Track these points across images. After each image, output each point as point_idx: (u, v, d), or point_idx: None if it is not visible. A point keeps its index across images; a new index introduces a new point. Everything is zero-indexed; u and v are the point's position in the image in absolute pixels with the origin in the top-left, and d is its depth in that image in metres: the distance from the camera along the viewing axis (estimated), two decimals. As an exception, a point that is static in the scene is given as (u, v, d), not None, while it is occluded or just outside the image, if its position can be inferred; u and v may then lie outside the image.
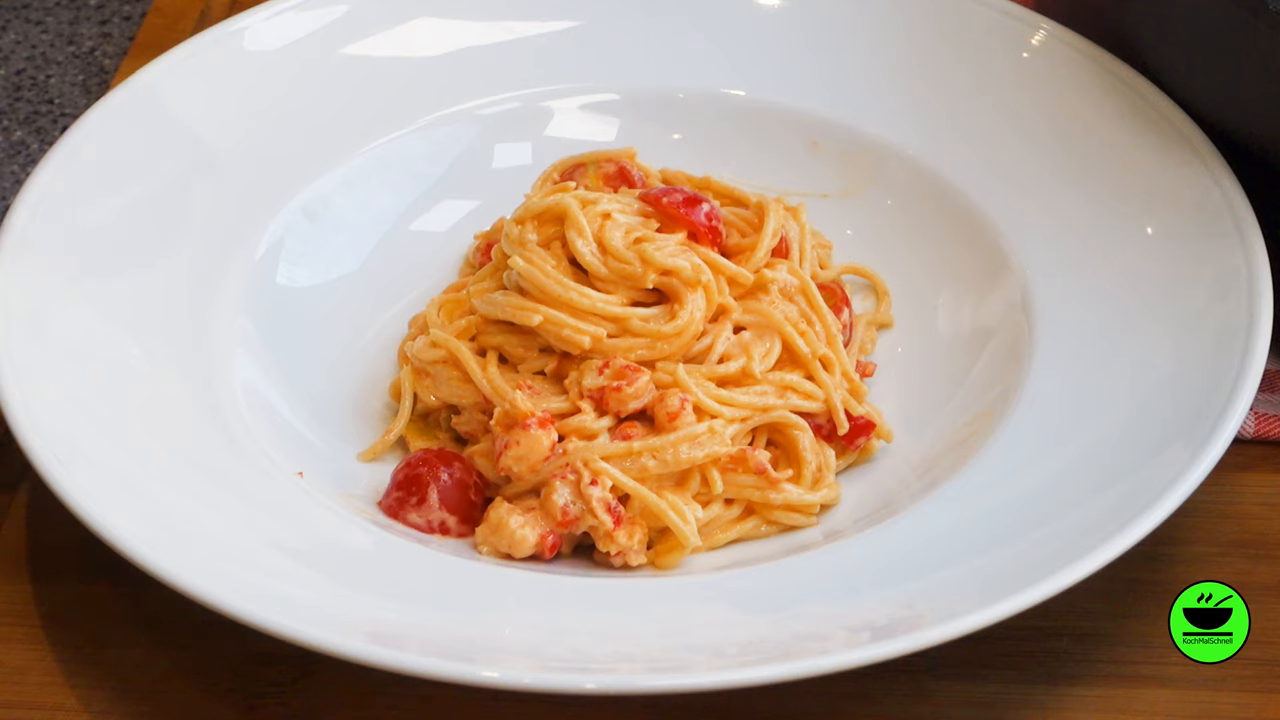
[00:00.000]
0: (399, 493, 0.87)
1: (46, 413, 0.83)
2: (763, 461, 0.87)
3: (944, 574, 0.81)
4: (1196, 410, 0.84)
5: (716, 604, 0.82)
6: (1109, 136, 0.98)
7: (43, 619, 0.85)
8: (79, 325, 0.89)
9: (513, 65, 1.04)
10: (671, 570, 0.85)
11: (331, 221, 0.99)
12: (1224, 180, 0.93)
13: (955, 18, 1.05)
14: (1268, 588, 0.85)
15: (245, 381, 0.90)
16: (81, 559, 0.84)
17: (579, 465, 0.85)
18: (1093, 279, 0.93)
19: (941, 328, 0.97)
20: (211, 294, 0.93)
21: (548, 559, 0.85)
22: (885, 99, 1.03)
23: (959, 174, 0.99)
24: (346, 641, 0.75)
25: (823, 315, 0.91)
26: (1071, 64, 1.01)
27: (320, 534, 0.83)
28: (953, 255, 0.98)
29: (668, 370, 0.87)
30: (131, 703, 0.81)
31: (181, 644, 0.83)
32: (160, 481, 0.83)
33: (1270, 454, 0.91)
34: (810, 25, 1.06)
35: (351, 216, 0.99)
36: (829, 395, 0.89)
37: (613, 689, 0.75)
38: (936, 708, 0.81)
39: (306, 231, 0.98)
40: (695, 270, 0.88)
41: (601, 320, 0.88)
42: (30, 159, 1.11)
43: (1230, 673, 0.82)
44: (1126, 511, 0.79)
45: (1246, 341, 0.86)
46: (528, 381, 0.88)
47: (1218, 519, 0.88)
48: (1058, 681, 0.82)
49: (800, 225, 0.95)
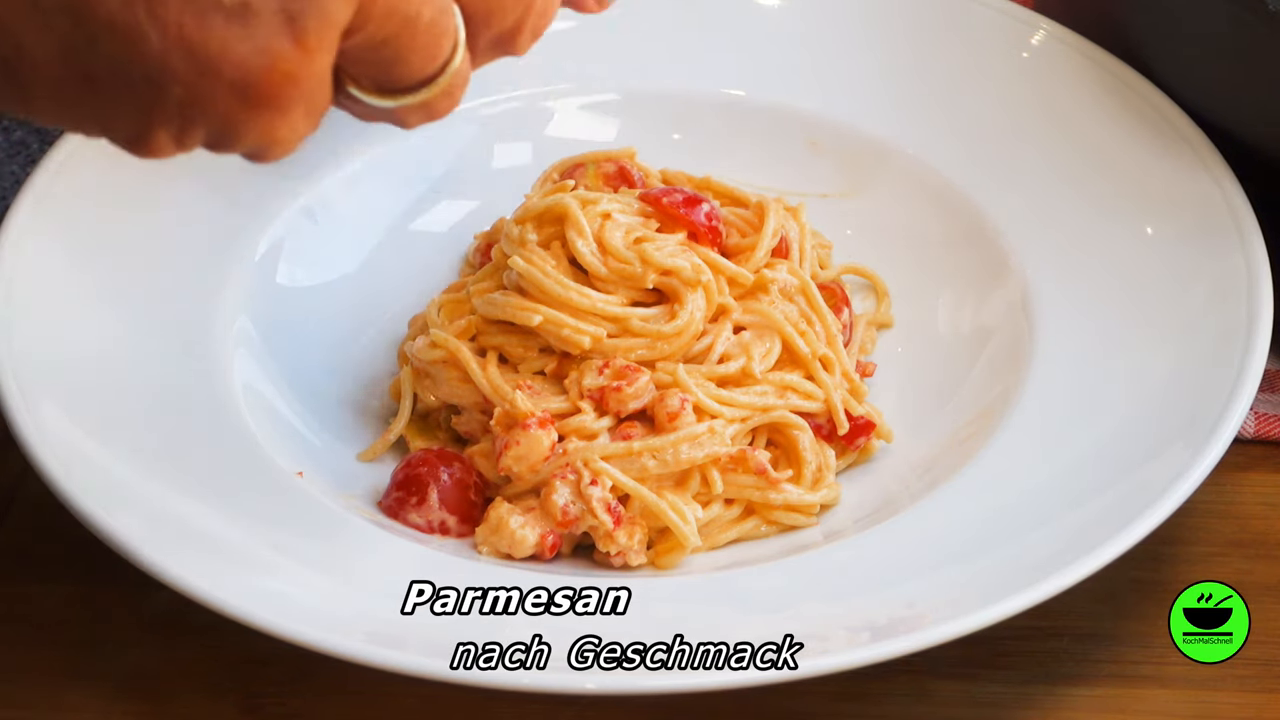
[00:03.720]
0: (399, 493, 0.87)
1: (46, 413, 0.83)
2: (763, 461, 0.87)
3: (944, 574, 0.81)
4: (1196, 410, 0.84)
5: (716, 604, 0.82)
6: (1109, 136, 0.98)
7: (43, 619, 0.85)
8: (79, 325, 0.89)
9: (512, 65, 1.04)
10: (671, 570, 0.85)
11: (331, 222, 0.99)
12: (1224, 180, 0.93)
13: (955, 18, 1.05)
14: (1268, 588, 0.85)
15: (245, 381, 0.90)
16: (81, 559, 0.84)
17: (579, 465, 0.85)
18: (1093, 279, 0.93)
19: (941, 328, 0.97)
20: (211, 294, 0.93)
21: (548, 559, 0.85)
22: (885, 99, 1.03)
23: (959, 174, 0.99)
24: (346, 641, 0.75)
25: (823, 315, 0.91)
26: (1071, 64, 1.01)
27: (320, 534, 0.83)
28: (953, 255, 0.98)
29: (668, 370, 0.87)
30: (131, 702, 0.81)
31: (181, 644, 0.83)
32: (160, 481, 0.83)
33: (1270, 454, 0.91)
34: (810, 25, 1.06)
35: (351, 217, 0.99)
36: (829, 395, 0.89)
37: (613, 689, 0.75)
38: (936, 708, 0.81)
39: (306, 231, 0.98)
40: (695, 270, 0.88)
41: (601, 320, 0.88)
42: (30, 159, 1.11)
43: (1230, 673, 0.82)
44: (1126, 511, 0.79)
45: (1246, 341, 0.86)
46: (528, 381, 0.88)
47: (1218, 519, 0.88)
48: (1058, 681, 0.82)
49: (800, 225, 0.95)
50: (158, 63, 0.58)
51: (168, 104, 0.59)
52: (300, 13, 0.58)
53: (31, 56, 0.58)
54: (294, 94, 0.60)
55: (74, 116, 0.60)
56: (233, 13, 0.57)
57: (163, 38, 0.57)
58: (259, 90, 0.59)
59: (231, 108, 0.59)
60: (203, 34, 0.57)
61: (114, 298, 0.91)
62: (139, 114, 0.60)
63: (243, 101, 0.59)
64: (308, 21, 0.58)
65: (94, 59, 0.57)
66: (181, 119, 0.60)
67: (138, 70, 0.58)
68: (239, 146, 0.62)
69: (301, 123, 0.61)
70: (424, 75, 0.63)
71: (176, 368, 0.89)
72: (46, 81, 0.59)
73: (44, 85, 0.59)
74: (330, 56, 0.60)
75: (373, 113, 0.65)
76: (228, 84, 0.58)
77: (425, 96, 0.64)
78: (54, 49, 0.58)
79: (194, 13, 0.57)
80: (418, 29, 0.61)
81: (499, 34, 0.65)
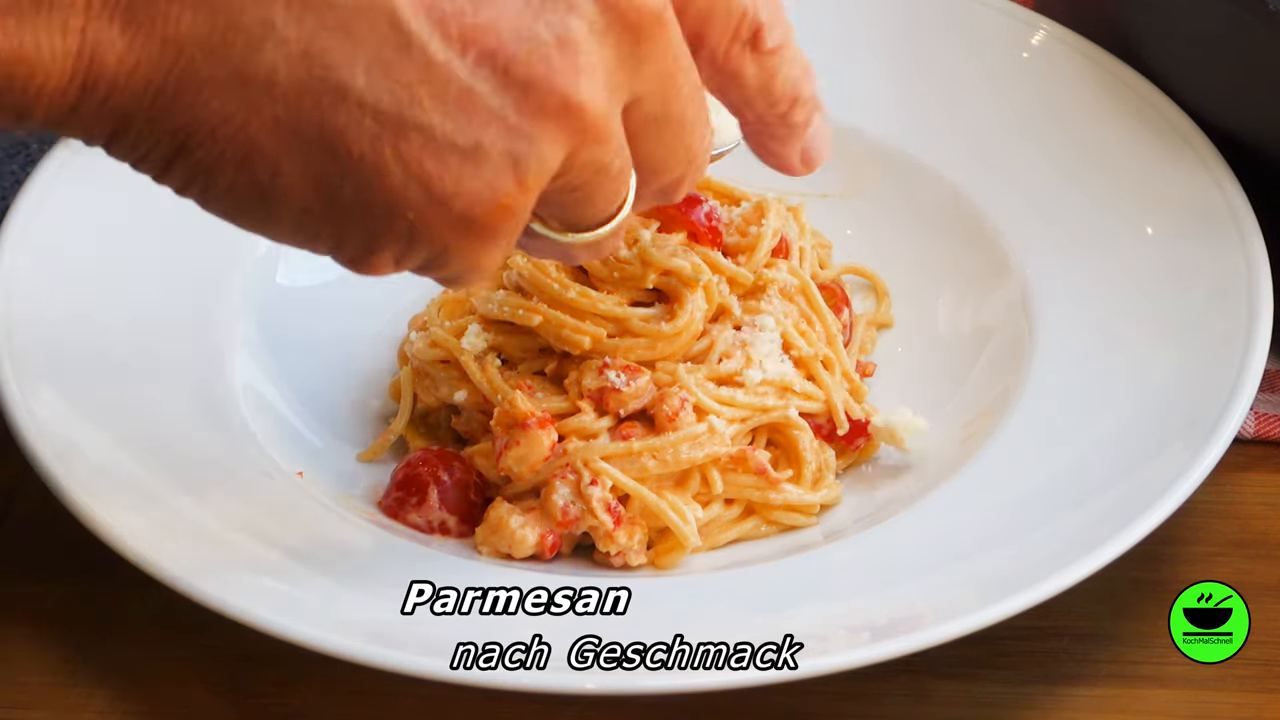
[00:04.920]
0: (399, 493, 0.87)
1: (46, 413, 0.83)
2: (763, 462, 0.87)
3: (944, 574, 0.81)
4: (1196, 410, 0.84)
5: (716, 604, 0.82)
6: (1109, 136, 0.98)
7: (43, 619, 0.85)
8: (79, 325, 0.89)
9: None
10: (671, 570, 0.85)
11: (331, 221, 0.98)
12: (1224, 180, 0.93)
13: (955, 18, 1.05)
14: (1268, 588, 0.85)
15: (245, 381, 0.90)
16: (81, 559, 0.84)
17: (579, 465, 0.85)
18: (1093, 279, 0.93)
19: (941, 328, 0.97)
20: (211, 294, 0.93)
21: (548, 559, 0.85)
22: (885, 99, 1.03)
23: (959, 174, 0.99)
24: (346, 641, 0.75)
25: (823, 315, 0.91)
26: (1071, 64, 1.01)
27: (320, 534, 0.83)
28: (953, 255, 0.98)
29: (668, 370, 0.87)
30: (131, 702, 0.81)
31: (181, 643, 0.83)
32: (160, 481, 0.83)
33: (1270, 454, 0.91)
34: (810, 25, 1.05)
35: (351, 216, 0.99)
36: (829, 395, 0.89)
37: (613, 689, 0.75)
38: (936, 708, 0.81)
39: (306, 231, 0.98)
40: (695, 270, 0.88)
41: (601, 320, 0.88)
42: (30, 159, 1.11)
43: (1230, 673, 0.82)
44: (1126, 511, 0.79)
45: (1246, 341, 0.86)
46: (528, 381, 0.88)
47: (1218, 519, 0.88)
48: (1058, 681, 0.82)
49: (800, 225, 0.95)
50: (397, 194, 0.66)
51: (397, 230, 0.67)
52: (524, 156, 0.66)
53: (287, 182, 0.65)
54: (508, 226, 0.67)
55: (309, 235, 0.68)
56: (466, 153, 0.65)
57: (404, 172, 0.65)
58: (481, 222, 0.67)
59: (454, 235, 0.67)
60: (440, 169, 0.65)
61: (114, 297, 0.91)
62: (370, 237, 0.67)
63: (466, 230, 0.67)
64: (529, 164, 0.66)
65: (341, 187, 0.65)
66: (407, 243, 0.67)
67: (378, 199, 0.66)
68: (450, 269, 0.69)
69: (502, 253, 0.69)
70: (603, 217, 0.71)
71: (176, 368, 0.89)
72: (295, 206, 0.66)
73: (291, 208, 0.66)
74: (538, 195, 0.68)
75: (545, 248, 0.73)
76: (455, 214, 0.66)
77: (598, 236, 0.72)
78: (308, 177, 0.65)
79: (433, 151, 0.65)
80: (608, 177, 0.69)
81: (663, 185, 0.72)
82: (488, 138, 0.65)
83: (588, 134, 0.67)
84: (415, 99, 0.65)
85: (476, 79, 0.65)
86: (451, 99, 0.65)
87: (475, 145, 0.65)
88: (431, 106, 0.65)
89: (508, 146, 0.66)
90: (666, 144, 0.71)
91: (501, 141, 0.66)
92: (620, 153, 0.69)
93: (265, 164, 0.65)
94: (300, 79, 0.64)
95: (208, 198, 0.67)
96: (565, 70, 0.66)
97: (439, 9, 0.65)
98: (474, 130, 0.65)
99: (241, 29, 0.64)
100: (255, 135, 0.64)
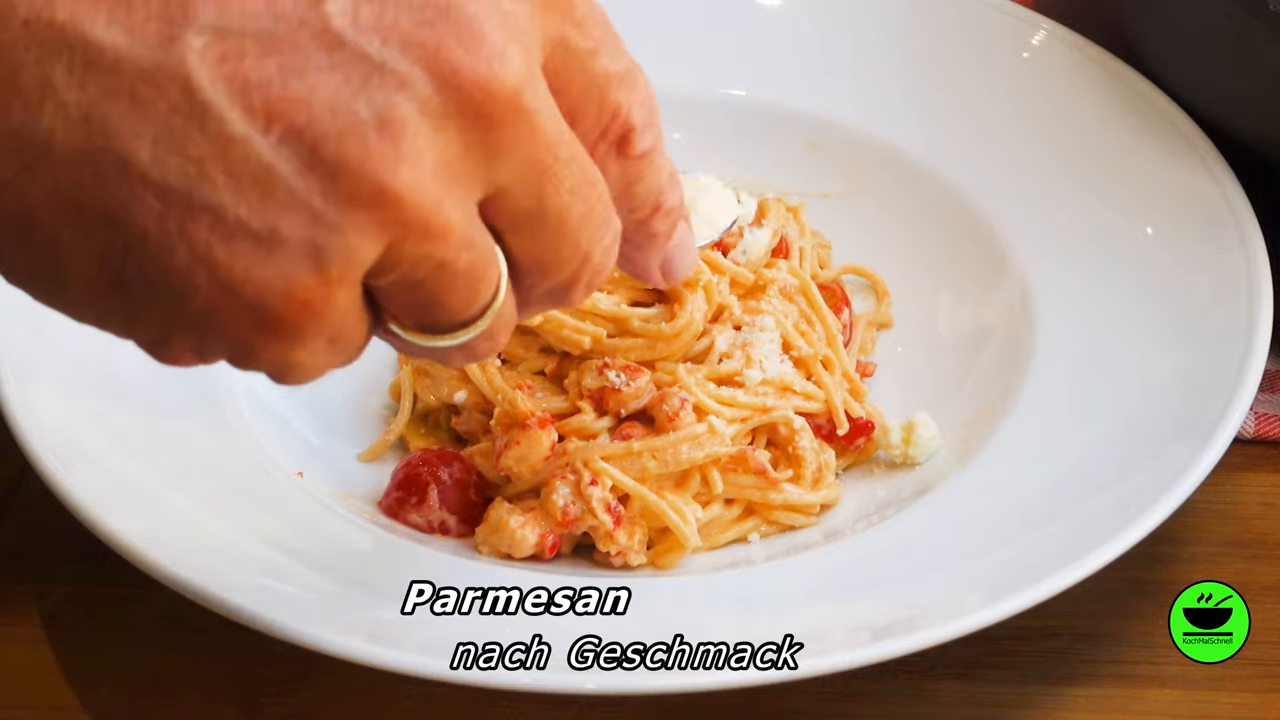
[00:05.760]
0: (399, 493, 0.87)
1: (46, 413, 0.83)
2: (763, 461, 0.87)
3: (944, 574, 0.81)
4: (1196, 410, 0.84)
5: (716, 604, 0.82)
6: (1109, 136, 0.98)
7: (43, 619, 0.85)
8: (79, 325, 0.89)
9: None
10: (671, 570, 0.85)
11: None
12: (1224, 180, 0.93)
13: (955, 17, 1.05)
14: (1268, 588, 0.85)
15: (245, 381, 0.90)
16: (81, 559, 0.84)
17: (579, 465, 0.85)
18: (1093, 279, 0.93)
19: (941, 328, 0.97)
20: (211, 294, 0.93)
21: (548, 559, 0.85)
22: (885, 98, 1.03)
23: (959, 174, 0.99)
24: (346, 641, 0.75)
25: (823, 315, 0.91)
26: (1071, 64, 1.01)
27: (320, 534, 0.83)
28: (953, 255, 0.98)
29: (668, 370, 0.87)
30: (131, 702, 0.81)
31: (181, 643, 0.83)
32: (160, 481, 0.83)
33: (1270, 454, 0.91)
34: (810, 25, 1.06)
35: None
36: (829, 395, 0.89)
37: (613, 689, 0.75)
38: (936, 708, 0.81)
39: (306, 231, 0.98)
40: (695, 270, 0.88)
41: (601, 320, 0.88)
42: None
43: (1230, 673, 0.82)
44: (1126, 511, 0.79)
45: (1246, 341, 0.86)
46: (528, 381, 0.88)
47: (1218, 519, 0.88)
48: (1058, 681, 0.82)
49: (800, 225, 0.95)
50: (184, 276, 0.60)
51: (187, 316, 0.61)
52: (326, 246, 0.60)
53: (69, 256, 0.60)
54: (311, 323, 0.61)
55: (103, 314, 0.63)
56: (261, 239, 0.60)
57: (190, 254, 0.60)
58: (274, 315, 0.61)
59: (247, 328, 0.61)
60: (228, 254, 0.60)
61: (114, 298, 0.91)
62: (161, 321, 0.62)
63: (259, 325, 0.61)
64: (331, 255, 0.60)
65: (126, 264, 0.60)
66: (200, 332, 0.62)
67: (163, 280, 0.60)
68: (257, 366, 0.64)
69: (324, 353, 0.63)
70: (462, 318, 0.65)
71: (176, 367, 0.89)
72: (81, 281, 0.61)
73: (79, 284, 0.61)
74: (354, 292, 0.62)
75: (415, 349, 0.67)
76: (245, 305, 0.60)
77: (465, 339, 0.65)
78: (92, 252, 0.60)
79: (222, 235, 0.59)
80: (455, 274, 0.62)
81: (553, 287, 0.66)
82: (287, 224, 0.59)
83: (410, 227, 0.60)
84: (206, 176, 0.59)
85: (279, 158, 0.59)
86: (247, 178, 0.59)
87: (271, 231, 0.59)
88: (224, 185, 0.59)
89: (308, 235, 0.60)
90: (547, 243, 0.64)
91: (302, 229, 0.60)
92: (470, 249, 0.62)
93: (44, 235, 0.60)
94: (80, 146, 0.58)
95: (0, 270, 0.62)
96: (382, 154, 0.59)
97: (241, 78, 0.59)
98: (271, 215, 0.59)
99: (18, 89, 0.58)
100: (33, 204, 0.59)
